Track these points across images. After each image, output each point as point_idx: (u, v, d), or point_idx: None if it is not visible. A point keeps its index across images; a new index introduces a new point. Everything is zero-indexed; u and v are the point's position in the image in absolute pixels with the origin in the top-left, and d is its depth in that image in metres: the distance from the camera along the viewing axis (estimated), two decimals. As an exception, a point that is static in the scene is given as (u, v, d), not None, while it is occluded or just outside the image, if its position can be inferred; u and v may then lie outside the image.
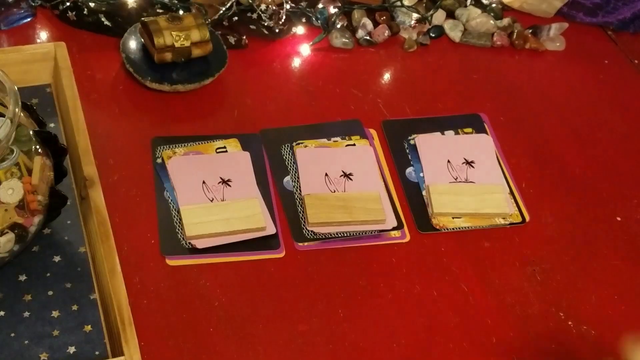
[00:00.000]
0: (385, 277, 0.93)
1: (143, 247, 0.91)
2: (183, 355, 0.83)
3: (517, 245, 0.98)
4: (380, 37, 1.20)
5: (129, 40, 1.09)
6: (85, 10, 1.12)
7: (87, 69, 1.08)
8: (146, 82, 1.06)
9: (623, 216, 1.04)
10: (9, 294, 0.83)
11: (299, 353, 0.85)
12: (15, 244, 0.81)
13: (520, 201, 1.02)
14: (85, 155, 0.90)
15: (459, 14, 1.26)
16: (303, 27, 1.20)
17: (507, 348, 0.88)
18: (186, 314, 0.87)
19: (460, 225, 0.99)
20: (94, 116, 1.02)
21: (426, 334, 0.89)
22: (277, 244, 0.94)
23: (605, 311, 0.93)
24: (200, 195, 0.96)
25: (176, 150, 1.01)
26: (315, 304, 0.89)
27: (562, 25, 1.26)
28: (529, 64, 1.22)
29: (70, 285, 0.84)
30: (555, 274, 0.96)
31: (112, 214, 0.89)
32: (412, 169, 1.04)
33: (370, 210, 0.97)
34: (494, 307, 0.92)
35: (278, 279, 0.91)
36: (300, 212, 0.97)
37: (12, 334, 0.80)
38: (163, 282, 0.89)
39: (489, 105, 1.14)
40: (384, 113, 1.10)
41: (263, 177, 1.00)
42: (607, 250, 1.00)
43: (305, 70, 1.15)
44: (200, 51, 1.08)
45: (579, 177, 1.07)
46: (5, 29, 1.11)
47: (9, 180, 0.78)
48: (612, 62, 1.25)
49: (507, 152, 1.08)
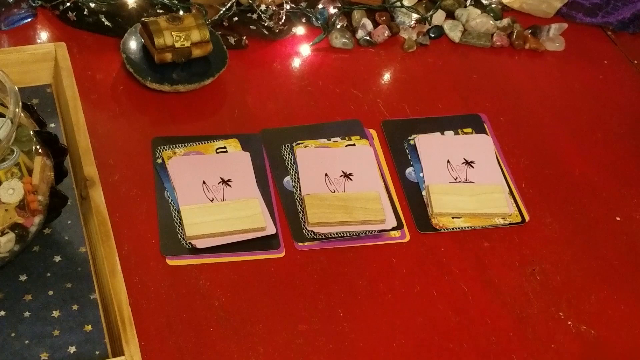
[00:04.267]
0: (385, 277, 0.93)
1: (143, 247, 0.91)
2: (183, 355, 0.83)
3: (517, 245, 0.98)
4: (380, 38, 1.21)
5: (129, 41, 1.10)
6: (85, 10, 1.12)
7: (87, 69, 1.08)
8: (146, 83, 1.06)
9: (623, 216, 1.04)
10: (9, 293, 0.83)
11: (299, 353, 0.85)
12: (16, 244, 0.81)
13: (520, 201, 1.02)
14: (86, 155, 0.90)
15: (459, 15, 1.26)
16: (303, 28, 1.20)
17: (507, 348, 0.89)
18: (186, 313, 0.87)
19: (460, 225, 0.99)
20: (95, 116, 1.02)
21: (426, 334, 0.89)
22: (277, 244, 0.94)
23: (605, 311, 0.93)
24: (201, 195, 0.96)
25: (176, 151, 1.01)
26: (315, 304, 0.90)
27: (562, 25, 1.26)
28: (529, 65, 1.22)
29: (70, 285, 0.84)
30: (555, 274, 0.96)
31: (113, 214, 0.89)
32: (412, 169, 1.04)
33: (370, 210, 0.97)
34: (494, 307, 0.92)
35: (278, 279, 0.91)
36: (300, 212, 0.97)
37: (13, 334, 0.80)
38: (163, 282, 0.89)
39: (488, 106, 1.14)
40: (383, 113, 1.11)
41: (263, 177, 1.00)
42: (607, 250, 1.00)
43: (305, 70, 1.15)
44: (200, 51, 1.08)
45: (578, 177, 1.07)
46: (6, 29, 1.11)
47: (10, 181, 0.78)
48: (612, 62, 1.25)
49: (506, 152, 1.08)
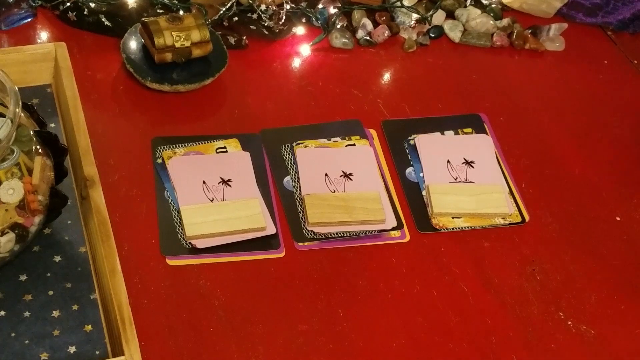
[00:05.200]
0: (385, 277, 0.93)
1: (143, 247, 0.91)
2: (183, 355, 0.83)
3: (517, 245, 0.98)
4: (380, 38, 1.21)
5: (130, 41, 1.10)
6: (85, 10, 1.12)
7: (87, 69, 1.08)
8: (146, 82, 1.06)
9: (623, 216, 1.04)
10: (9, 293, 0.83)
11: (299, 353, 0.85)
12: (16, 244, 0.81)
13: (520, 201, 1.02)
14: (86, 155, 0.90)
15: (459, 15, 1.26)
16: (303, 28, 1.20)
17: (507, 348, 0.89)
18: (186, 313, 0.87)
19: (460, 225, 0.99)
20: (95, 116, 1.02)
21: (426, 334, 0.89)
22: (277, 244, 0.94)
23: (605, 311, 0.93)
24: (201, 195, 0.96)
25: (176, 150, 1.01)
26: (315, 304, 0.90)
27: (562, 25, 1.26)
28: (529, 64, 1.22)
29: (70, 285, 0.84)
30: (555, 274, 0.96)
31: (113, 214, 0.89)
32: (412, 169, 1.04)
33: (370, 210, 0.97)
34: (493, 307, 0.92)
35: (278, 279, 0.91)
36: (300, 212, 0.97)
37: (13, 334, 0.80)
38: (163, 282, 0.89)
39: (488, 106, 1.14)
40: (384, 113, 1.11)
41: (263, 177, 1.00)
42: (607, 250, 1.00)
43: (305, 70, 1.15)
44: (200, 51, 1.08)
45: (578, 177, 1.07)
46: (6, 29, 1.11)
47: (10, 181, 0.78)
48: (612, 62, 1.25)
49: (506, 152, 1.08)
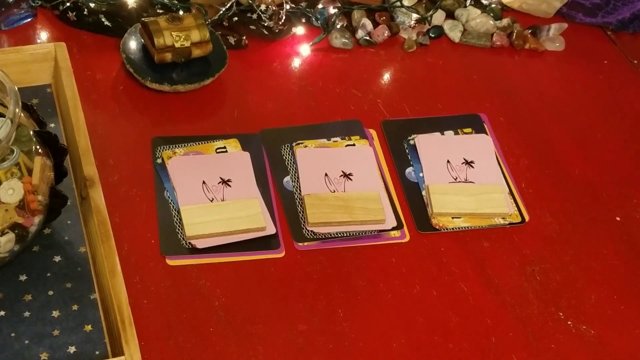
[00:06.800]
0: (385, 277, 0.93)
1: (143, 247, 0.91)
2: (183, 355, 0.83)
3: (517, 245, 0.98)
4: (380, 38, 1.21)
5: (129, 41, 1.09)
6: (85, 10, 1.12)
7: (87, 69, 1.08)
8: (146, 83, 1.06)
9: (623, 216, 1.04)
10: (9, 293, 0.83)
11: (299, 353, 0.85)
12: (16, 244, 0.81)
13: (520, 201, 1.02)
14: (86, 155, 0.90)
15: (459, 15, 1.26)
16: (303, 28, 1.20)
17: (506, 348, 0.89)
18: (186, 313, 0.87)
19: (460, 225, 0.99)
20: (94, 116, 1.02)
21: (426, 334, 0.89)
22: (277, 244, 0.94)
23: (605, 311, 0.93)
24: (200, 195, 0.96)
25: (176, 151, 1.01)
26: (315, 304, 0.90)
27: (562, 25, 1.26)
28: (529, 64, 1.22)
29: (70, 285, 0.84)
30: (555, 274, 0.96)
31: (112, 214, 0.89)
32: (411, 169, 1.04)
33: (370, 210, 0.97)
34: (493, 307, 0.92)
35: (278, 279, 0.91)
36: (300, 212, 0.97)
37: (13, 334, 0.80)
38: (163, 282, 0.89)
39: (488, 106, 1.14)
40: (383, 113, 1.11)
41: (263, 177, 1.00)
42: (607, 250, 1.00)
43: (305, 70, 1.15)
44: (200, 51, 1.08)
45: (578, 177, 1.07)
46: (6, 29, 1.11)
47: (10, 181, 0.78)
48: (612, 62, 1.25)
49: (506, 152, 1.08)
